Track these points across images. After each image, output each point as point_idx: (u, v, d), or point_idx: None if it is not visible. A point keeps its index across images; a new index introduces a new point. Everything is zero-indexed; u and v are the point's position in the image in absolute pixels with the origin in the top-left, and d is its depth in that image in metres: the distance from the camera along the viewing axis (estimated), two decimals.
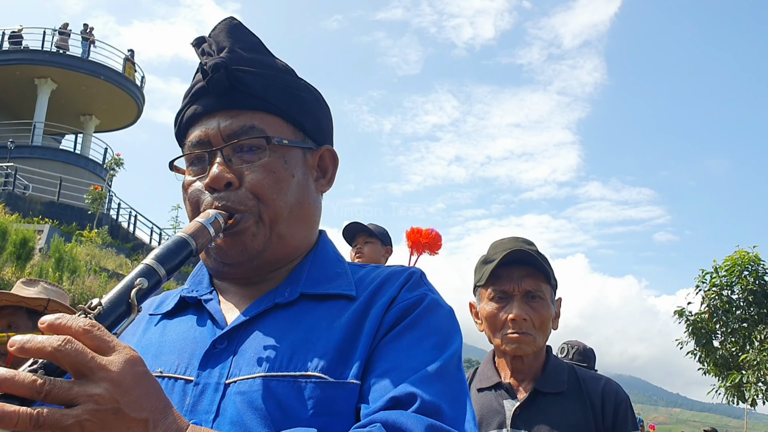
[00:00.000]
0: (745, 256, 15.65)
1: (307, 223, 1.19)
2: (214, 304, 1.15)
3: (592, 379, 2.02)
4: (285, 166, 1.13)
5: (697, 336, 16.14)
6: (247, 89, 1.12)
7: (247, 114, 1.13)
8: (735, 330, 15.82)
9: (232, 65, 1.12)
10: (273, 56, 1.20)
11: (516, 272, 2.00)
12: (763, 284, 15.49)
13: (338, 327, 1.06)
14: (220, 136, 1.12)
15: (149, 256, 0.96)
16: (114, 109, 30.22)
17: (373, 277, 1.16)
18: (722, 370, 15.88)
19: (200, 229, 1.02)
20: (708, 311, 16.00)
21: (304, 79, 1.22)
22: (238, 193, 1.10)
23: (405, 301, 1.09)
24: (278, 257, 1.14)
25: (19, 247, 16.52)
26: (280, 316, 1.10)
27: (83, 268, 17.46)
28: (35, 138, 27.80)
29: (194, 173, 1.15)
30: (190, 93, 1.18)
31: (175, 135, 1.22)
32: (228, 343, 1.06)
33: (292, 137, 1.16)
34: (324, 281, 1.15)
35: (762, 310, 15.41)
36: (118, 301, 0.88)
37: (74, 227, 21.91)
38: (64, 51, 28.35)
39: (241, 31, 1.17)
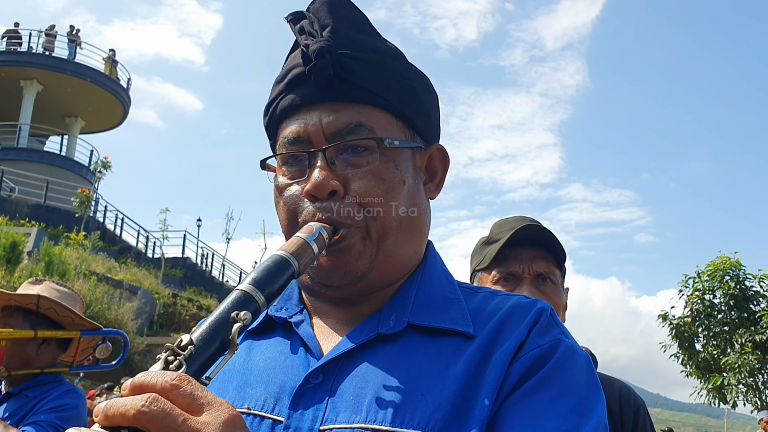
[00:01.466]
0: (727, 262, 15.98)
1: (416, 237, 1.04)
2: (307, 328, 1.01)
3: (606, 381, 1.81)
4: (395, 171, 0.99)
5: (680, 339, 16.47)
6: (354, 79, 0.98)
7: (353, 108, 0.98)
8: (717, 333, 16.16)
9: (337, 50, 0.98)
10: (381, 37, 1.05)
11: (526, 253, 1.79)
12: (744, 289, 15.83)
13: (453, 375, 0.90)
14: (323, 134, 0.98)
15: (246, 280, 0.84)
16: (100, 111, 30.14)
17: (492, 309, 1.00)
18: (704, 372, 16.21)
19: (303, 246, 0.90)
20: (691, 315, 16.32)
21: (414, 65, 1.07)
22: (344, 204, 0.96)
23: (536, 348, 0.92)
24: (384, 277, 1.01)
25: (9, 250, 16.49)
26: (384, 350, 0.95)
27: (72, 272, 17.44)
28: (21, 140, 27.65)
29: (290, 175, 1.01)
30: (285, 78, 1.03)
31: (265, 126, 1.08)
32: (323, 377, 0.93)
33: (402, 136, 1.02)
34: (434, 309, 1.00)
35: (743, 314, 15.74)
36: (212, 337, 0.77)
37: (61, 230, 21.83)
38: (50, 53, 28.28)
39: (346, 5, 1.03)
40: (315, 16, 1.02)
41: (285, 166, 1.02)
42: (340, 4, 1.03)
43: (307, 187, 0.97)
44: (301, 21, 1.03)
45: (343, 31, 1.00)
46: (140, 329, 18.85)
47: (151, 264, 24.67)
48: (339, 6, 1.02)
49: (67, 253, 18.09)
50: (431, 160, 1.09)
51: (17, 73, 27.72)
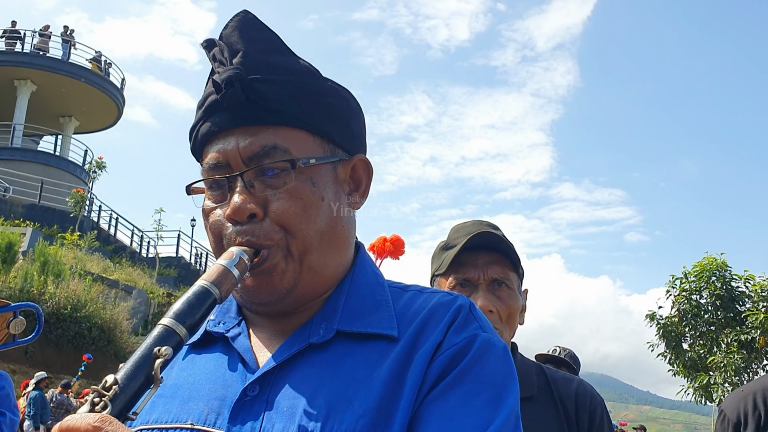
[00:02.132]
0: (714, 263, 16.13)
1: (341, 248, 1.06)
2: (244, 341, 1.05)
3: (563, 380, 1.79)
4: (313, 189, 1.01)
5: (667, 339, 16.62)
6: (267, 103, 0.99)
7: (269, 131, 1.00)
8: (703, 333, 16.29)
9: (248, 75, 0.99)
10: (294, 56, 1.05)
11: (481, 258, 1.78)
12: (730, 289, 15.97)
13: (378, 379, 0.94)
14: (240, 159, 1.00)
15: (168, 314, 0.87)
16: (94, 111, 30.15)
17: (416, 309, 1.04)
18: (691, 371, 16.36)
19: (224, 273, 0.93)
20: (678, 315, 16.46)
21: (331, 79, 1.08)
22: (263, 226, 0.99)
23: (453, 346, 0.96)
24: (311, 291, 1.03)
25: (5, 251, 16.55)
26: (316, 359, 0.99)
27: (67, 272, 17.51)
28: (15, 140, 27.65)
29: (214, 199, 1.04)
30: (203, 106, 1.04)
31: (191, 151, 1.09)
32: (260, 390, 0.96)
33: (320, 152, 1.03)
34: (363, 313, 1.03)
35: (729, 314, 15.87)
36: (136, 375, 0.81)
37: (56, 230, 21.88)
38: (44, 53, 28.29)
39: (257, 28, 1.03)
40: (225, 43, 1.03)
41: (209, 191, 1.05)
42: (251, 27, 1.03)
43: (228, 211, 0.99)
44: (213, 49, 1.05)
45: (254, 55, 1.01)
46: (135, 329, 18.96)
47: (145, 264, 24.75)
48: (250, 29, 1.03)
49: (62, 253, 18.17)
50: (355, 171, 1.10)
51: (11, 73, 27.69)
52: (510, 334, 1.78)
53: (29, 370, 15.48)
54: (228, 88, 0.98)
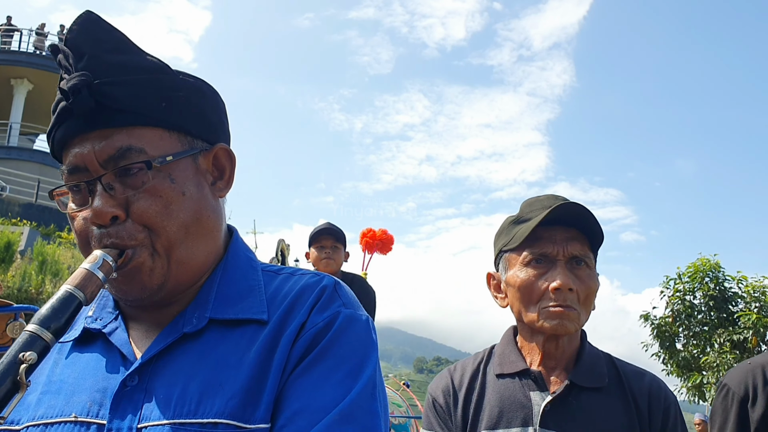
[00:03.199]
0: (707, 264, 16.27)
1: (208, 237, 1.08)
2: (121, 335, 1.07)
3: (635, 374, 1.67)
4: (172, 185, 1.02)
5: (661, 339, 16.78)
6: (118, 104, 0.99)
7: (122, 132, 1.00)
8: (696, 333, 16.43)
9: (96, 79, 0.98)
10: (142, 53, 1.04)
11: (560, 233, 1.65)
12: (723, 290, 16.12)
13: (247, 362, 0.98)
14: (97, 162, 1.00)
15: (33, 320, 0.89)
16: None
17: (285, 292, 1.07)
18: (684, 371, 16.51)
19: (87, 276, 0.93)
20: (672, 315, 16.61)
21: (183, 72, 1.08)
22: (126, 227, 1.00)
23: (315, 326, 1.00)
24: (183, 282, 1.05)
25: (3, 250, 16.60)
26: (190, 348, 1.02)
27: (66, 271, 17.56)
28: (11, 138, 27.65)
29: (77, 202, 1.04)
30: (55, 111, 1.04)
31: (51, 153, 1.09)
32: (139, 379, 0.99)
33: (177, 147, 1.04)
34: (235, 299, 1.07)
35: (722, 314, 16.02)
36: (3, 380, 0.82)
37: (53, 229, 21.91)
38: (40, 51, 28.29)
39: (101, 28, 1.02)
40: (70, 47, 1.01)
41: (72, 194, 1.05)
42: (94, 27, 1.02)
43: (90, 215, 1.00)
44: (58, 55, 1.04)
45: (100, 56, 1.00)
46: None
47: None
48: (93, 30, 1.01)
49: (60, 252, 18.21)
50: (217, 159, 1.12)
51: (8, 71, 27.70)
52: (586, 317, 1.65)
53: None
54: (75, 95, 0.98)
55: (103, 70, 1.00)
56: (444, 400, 1.71)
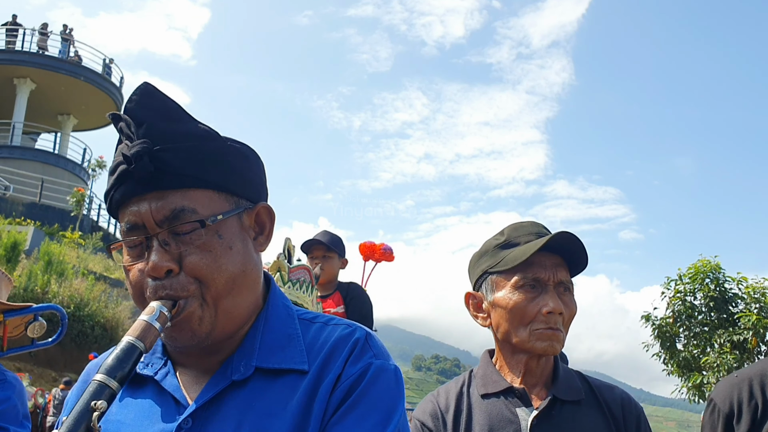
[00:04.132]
0: (707, 265, 16.31)
1: (251, 288, 1.17)
2: (172, 381, 1.16)
3: (605, 387, 1.82)
4: (221, 241, 1.11)
5: (662, 339, 16.86)
6: (173, 170, 1.09)
7: (177, 194, 1.10)
8: (697, 334, 16.48)
9: (154, 146, 1.08)
10: (194, 121, 1.15)
11: (549, 260, 1.76)
12: (723, 291, 16.17)
13: (290, 412, 1.07)
14: (153, 221, 1.09)
15: (100, 370, 0.97)
16: (93, 109, 30.19)
17: (321, 342, 1.16)
18: (685, 371, 16.59)
19: (146, 328, 1.02)
20: (672, 316, 16.67)
21: (230, 138, 1.19)
22: (179, 279, 1.09)
23: (349, 378, 1.09)
24: (228, 331, 1.14)
25: (9, 250, 16.73)
26: (237, 395, 1.11)
27: (70, 271, 17.67)
28: (14, 138, 27.78)
29: (133, 255, 1.13)
30: (115, 174, 1.13)
31: (108, 210, 1.18)
32: (192, 423, 1.09)
33: (225, 207, 1.14)
34: (277, 349, 1.15)
35: (722, 315, 16.07)
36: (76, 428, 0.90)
37: (56, 228, 21.99)
38: (43, 51, 28.39)
39: (157, 98, 1.12)
40: (131, 116, 1.11)
41: (128, 249, 1.13)
42: (152, 98, 1.11)
43: (147, 269, 1.09)
44: (120, 123, 1.13)
45: (157, 125, 1.10)
46: None
47: None
48: (151, 100, 1.11)
49: (64, 251, 18.30)
50: (259, 216, 1.21)
51: (11, 71, 27.82)
52: (565, 336, 1.77)
53: (33, 368, 15.69)
54: (137, 161, 1.07)
55: (160, 138, 1.09)
56: (433, 424, 1.78)
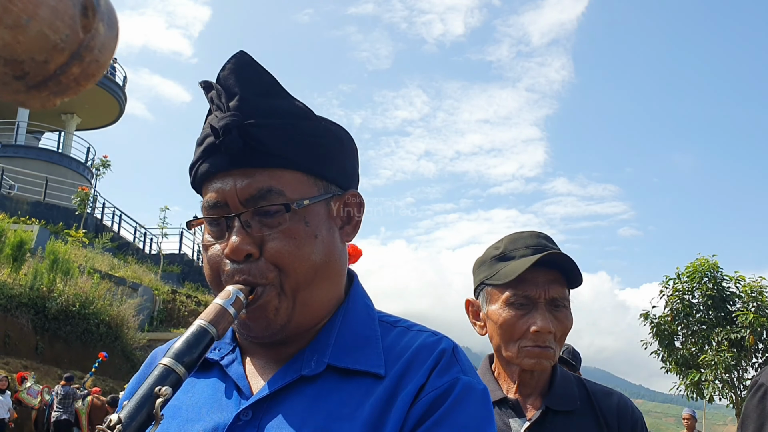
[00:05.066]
0: (705, 264, 16.55)
1: (333, 281, 1.09)
2: (238, 369, 1.09)
3: (603, 394, 1.77)
4: (306, 228, 1.04)
5: (660, 337, 17.02)
6: (263, 147, 1.02)
7: (264, 173, 1.03)
8: (695, 332, 16.71)
9: (245, 120, 1.01)
10: (290, 97, 1.07)
11: (542, 276, 1.71)
12: (721, 290, 16.39)
13: (361, 417, 0.98)
14: (237, 200, 1.03)
15: (168, 353, 0.91)
16: (96, 109, 30.29)
17: (402, 346, 1.07)
18: (683, 368, 16.77)
19: (221, 312, 0.96)
20: (671, 314, 16.85)
21: (325, 119, 1.10)
22: (259, 265, 1.02)
23: (434, 390, 1.00)
24: (304, 324, 1.07)
25: (16, 249, 16.84)
26: (306, 391, 1.03)
27: (76, 270, 17.77)
28: (18, 137, 27.91)
29: (213, 235, 1.07)
30: (201, 145, 1.07)
31: (191, 184, 1.13)
32: (252, 415, 1.01)
33: (313, 191, 1.06)
34: (352, 349, 1.07)
35: (720, 313, 16.31)
36: (138, 413, 0.85)
37: (61, 227, 22.06)
38: None
39: (254, 70, 1.05)
40: (222, 86, 1.05)
41: (209, 226, 1.08)
42: (249, 69, 1.05)
43: (226, 251, 1.03)
44: (211, 92, 1.07)
45: (250, 99, 1.03)
46: (141, 325, 19.18)
47: (149, 260, 25.03)
48: (246, 72, 1.04)
49: (70, 250, 18.40)
50: (347, 205, 1.13)
51: None
52: (560, 351, 1.76)
53: (39, 365, 15.83)
54: (226, 134, 1.01)
55: (252, 113, 1.03)
56: None
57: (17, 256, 16.84)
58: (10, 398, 13.09)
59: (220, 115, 1.03)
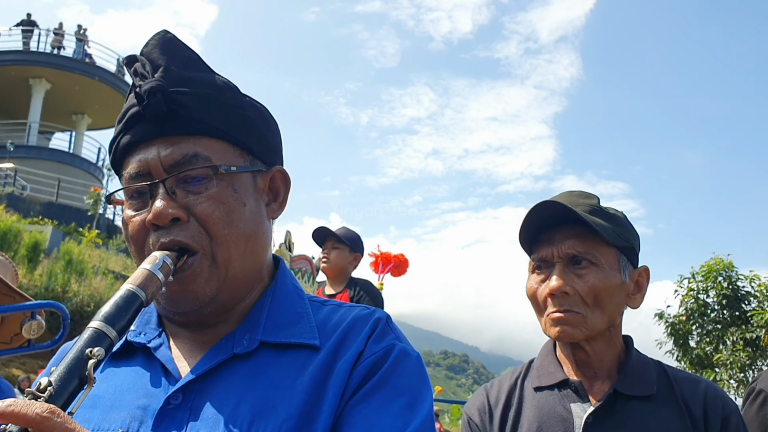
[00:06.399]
0: (720, 263, 16.45)
1: (260, 255, 1.09)
2: (165, 352, 1.06)
3: (688, 380, 1.57)
4: (235, 195, 1.03)
5: (675, 337, 17.02)
6: (188, 113, 1.02)
7: (189, 140, 1.02)
8: (710, 331, 16.63)
9: (169, 87, 1.02)
10: (213, 72, 1.08)
11: (559, 234, 1.56)
12: (736, 289, 16.31)
13: (301, 385, 0.98)
14: (161, 167, 1.02)
15: (97, 317, 0.87)
16: (107, 108, 30.47)
17: (336, 321, 1.08)
18: (698, 368, 16.74)
19: (149, 276, 0.93)
20: (685, 314, 16.84)
21: (248, 95, 1.11)
22: (188, 227, 1.00)
23: (372, 355, 1.01)
24: (232, 299, 1.06)
25: (31, 250, 16.95)
26: (239, 369, 1.01)
27: (90, 270, 17.88)
28: (30, 138, 28.02)
29: (134, 207, 1.04)
30: (124, 118, 1.06)
31: (111, 164, 1.10)
32: (183, 398, 0.98)
33: (240, 162, 1.06)
34: (285, 325, 1.07)
35: (734, 312, 16.25)
36: (70, 376, 0.80)
37: (73, 227, 22.21)
38: (58, 51, 28.65)
39: (177, 45, 1.06)
40: (147, 59, 1.05)
41: (130, 200, 1.05)
42: (172, 44, 1.06)
43: (149, 217, 1.01)
44: (135, 64, 1.07)
45: (174, 70, 1.03)
46: None
47: None
48: (170, 46, 1.06)
49: (84, 251, 18.50)
50: (273, 181, 1.14)
51: (26, 71, 28.07)
52: (602, 318, 1.53)
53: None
54: (150, 98, 1.01)
55: (176, 81, 1.03)
56: (479, 419, 1.63)
57: (32, 256, 16.95)
58: None
59: (144, 82, 1.03)
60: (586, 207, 1.57)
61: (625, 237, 1.58)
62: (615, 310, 1.56)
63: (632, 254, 1.60)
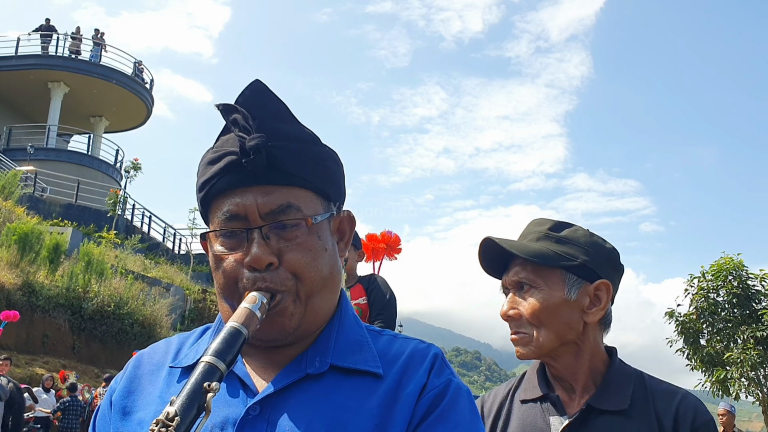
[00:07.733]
0: (730, 262, 16.59)
1: (334, 290, 1.18)
2: (241, 367, 1.14)
3: (664, 393, 1.61)
4: (319, 241, 1.12)
5: (685, 335, 17.07)
6: (283, 166, 1.10)
7: (283, 190, 1.11)
8: (720, 330, 16.71)
9: (269, 142, 1.09)
10: (299, 123, 1.16)
11: (510, 263, 1.69)
12: (747, 288, 16.41)
13: (369, 409, 1.06)
14: (258, 214, 1.09)
15: (208, 352, 0.96)
16: (124, 111, 30.92)
17: (395, 352, 1.16)
18: (708, 366, 16.78)
19: (249, 315, 1.02)
20: (696, 312, 16.89)
21: (326, 145, 1.19)
22: (279, 273, 1.09)
23: (435, 388, 1.09)
24: (310, 329, 1.15)
25: (52, 252, 17.27)
26: (312, 388, 1.09)
27: (109, 271, 18.18)
28: (49, 140, 28.45)
29: (228, 246, 1.12)
30: (220, 162, 1.12)
31: (199, 201, 1.17)
32: (261, 410, 1.06)
33: (321, 209, 1.15)
34: (350, 351, 1.15)
35: (745, 311, 16.35)
36: (190, 406, 0.90)
37: (92, 229, 22.49)
38: (76, 55, 29.07)
39: (270, 98, 1.13)
40: (246, 110, 1.11)
41: (223, 238, 1.12)
42: (265, 96, 1.13)
43: (248, 260, 1.08)
44: (234, 115, 1.12)
45: (270, 123, 1.11)
46: (174, 324, 19.51)
47: (179, 260, 25.47)
48: (264, 98, 1.12)
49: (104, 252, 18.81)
50: (342, 223, 1.22)
51: (45, 75, 28.50)
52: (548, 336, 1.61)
53: (77, 364, 16.30)
54: (255, 154, 1.08)
55: (274, 136, 1.10)
56: None
57: (53, 258, 17.26)
58: (54, 397, 13.52)
59: (247, 136, 1.10)
60: (536, 235, 1.68)
61: (572, 256, 1.63)
62: (564, 327, 1.61)
63: (583, 271, 1.63)
